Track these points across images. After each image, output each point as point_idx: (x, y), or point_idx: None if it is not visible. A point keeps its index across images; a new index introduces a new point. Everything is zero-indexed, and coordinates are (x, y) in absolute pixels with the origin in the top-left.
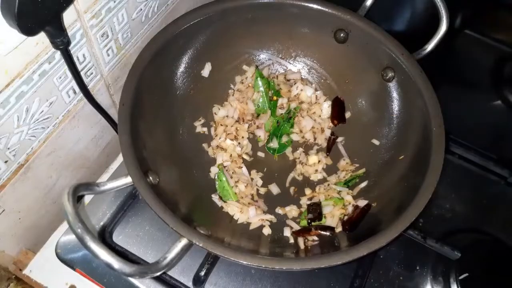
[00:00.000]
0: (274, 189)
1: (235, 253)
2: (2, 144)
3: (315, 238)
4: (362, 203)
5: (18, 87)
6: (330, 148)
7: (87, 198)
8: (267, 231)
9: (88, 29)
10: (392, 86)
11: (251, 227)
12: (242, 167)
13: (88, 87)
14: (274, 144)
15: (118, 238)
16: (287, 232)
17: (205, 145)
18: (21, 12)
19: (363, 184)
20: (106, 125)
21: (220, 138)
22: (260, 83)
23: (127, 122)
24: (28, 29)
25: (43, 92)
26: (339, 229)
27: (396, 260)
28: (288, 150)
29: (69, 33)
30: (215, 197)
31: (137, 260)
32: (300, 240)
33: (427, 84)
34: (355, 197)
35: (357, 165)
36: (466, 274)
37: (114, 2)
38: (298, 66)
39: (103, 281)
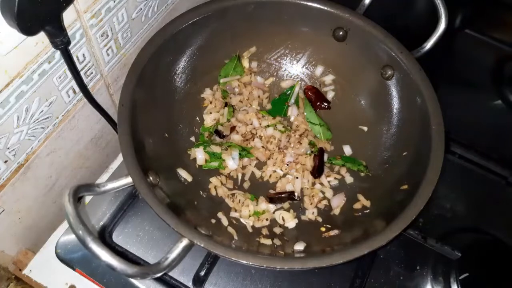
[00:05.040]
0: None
1: (236, 253)
2: (2, 144)
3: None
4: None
5: (17, 86)
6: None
7: (87, 198)
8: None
9: (88, 29)
10: (391, 84)
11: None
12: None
13: (88, 87)
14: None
15: (118, 238)
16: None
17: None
18: (21, 12)
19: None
20: (106, 125)
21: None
22: None
23: (126, 122)
24: (28, 29)
25: (43, 91)
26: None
27: (396, 260)
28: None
29: (69, 32)
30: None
31: (137, 260)
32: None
33: (426, 82)
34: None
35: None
36: (466, 274)
37: (114, 1)
38: (296, 65)
39: (103, 281)
